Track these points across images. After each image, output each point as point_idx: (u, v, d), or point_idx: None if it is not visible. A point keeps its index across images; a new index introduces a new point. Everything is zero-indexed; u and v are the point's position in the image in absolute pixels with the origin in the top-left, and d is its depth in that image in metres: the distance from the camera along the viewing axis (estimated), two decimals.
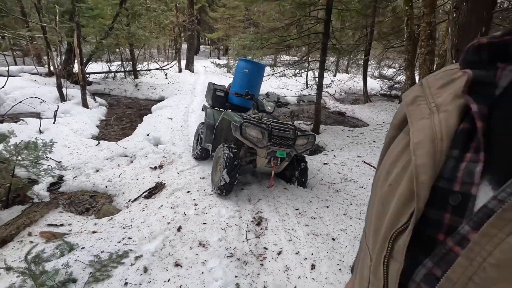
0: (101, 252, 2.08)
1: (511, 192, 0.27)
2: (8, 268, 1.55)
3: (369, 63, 11.65)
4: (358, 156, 4.25)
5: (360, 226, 2.77)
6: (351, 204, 3.16)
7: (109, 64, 10.56)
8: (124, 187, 3.72)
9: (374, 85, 12.35)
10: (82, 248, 2.11)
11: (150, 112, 7.20)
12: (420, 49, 6.56)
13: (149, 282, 1.81)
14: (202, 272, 1.95)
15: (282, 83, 10.33)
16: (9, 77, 6.76)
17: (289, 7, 6.23)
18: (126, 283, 1.78)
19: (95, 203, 3.52)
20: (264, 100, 3.84)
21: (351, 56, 11.33)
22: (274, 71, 8.86)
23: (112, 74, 10.25)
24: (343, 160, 4.16)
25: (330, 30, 6.12)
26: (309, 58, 8.08)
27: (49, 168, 3.29)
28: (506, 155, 0.30)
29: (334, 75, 15.63)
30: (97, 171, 4.07)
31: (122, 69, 10.61)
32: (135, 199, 3.35)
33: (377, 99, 11.15)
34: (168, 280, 1.83)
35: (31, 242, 2.31)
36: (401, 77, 11.41)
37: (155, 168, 4.13)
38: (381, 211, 0.40)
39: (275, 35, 6.79)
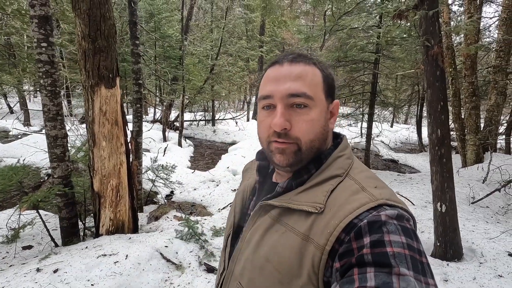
0: (214, 226, 3.49)
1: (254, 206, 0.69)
2: (176, 217, 3.03)
3: (423, 115, 12.18)
4: (396, 192, 5.10)
5: None
6: None
7: (194, 114, 13.25)
8: (214, 201, 5.24)
9: None
10: (203, 223, 3.56)
11: (227, 152, 9.02)
12: (465, 104, 7.28)
13: None
14: None
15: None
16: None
17: (341, 72, 7.73)
18: None
19: (195, 210, 5.08)
20: None
21: (403, 109, 12.03)
22: None
23: (197, 121, 12.82)
24: None
25: (378, 89, 7.37)
26: (363, 110, 9.26)
27: (172, 182, 5.04)
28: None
29: (391, 126, 16.21)
30: (195, 189, 5.73)
31: (204, 118, 13.16)
32: (223, 208, 4.80)
33: None
34: None
35: (171, 220, 3.87)
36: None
37: (235, 190, 5.61)
38: (227, 224, 0.77)
39: None
